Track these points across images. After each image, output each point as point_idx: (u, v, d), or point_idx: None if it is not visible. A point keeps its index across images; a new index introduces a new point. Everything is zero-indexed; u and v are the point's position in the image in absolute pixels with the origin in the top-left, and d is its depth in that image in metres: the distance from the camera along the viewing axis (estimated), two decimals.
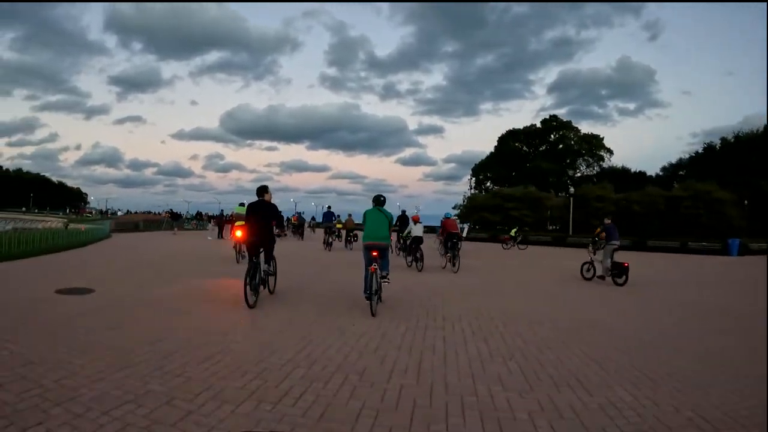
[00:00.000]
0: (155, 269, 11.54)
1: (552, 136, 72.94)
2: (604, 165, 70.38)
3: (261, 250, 7.40)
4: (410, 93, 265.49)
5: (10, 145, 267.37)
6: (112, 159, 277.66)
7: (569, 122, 73.91)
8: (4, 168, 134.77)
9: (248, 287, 6.82)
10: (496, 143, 73.76)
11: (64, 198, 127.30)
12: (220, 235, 26.34)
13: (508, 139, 73.19)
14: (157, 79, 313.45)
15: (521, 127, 73.79)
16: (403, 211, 19.76)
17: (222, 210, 26.82)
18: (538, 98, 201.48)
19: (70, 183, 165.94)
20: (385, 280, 7.31)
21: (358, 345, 5.24)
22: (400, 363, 4.62)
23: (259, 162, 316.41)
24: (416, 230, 14.10)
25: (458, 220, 20.45)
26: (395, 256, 16.43)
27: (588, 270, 12.19)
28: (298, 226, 29.98)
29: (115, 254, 15.73)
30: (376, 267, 6.92)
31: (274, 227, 7.81)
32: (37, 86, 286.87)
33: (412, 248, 13.94)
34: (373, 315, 6.68)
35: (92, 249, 16.89)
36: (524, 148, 73.31)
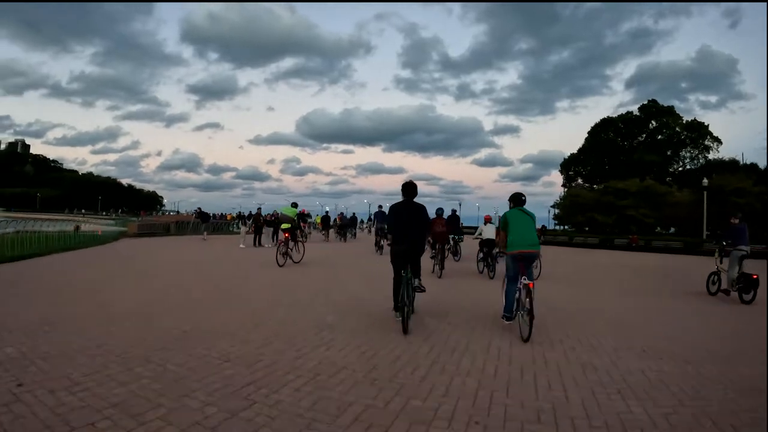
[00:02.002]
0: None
1: (652, 124, 61.35)
2: (710, 157, 58.37)
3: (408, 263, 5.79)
4: (485, 93, 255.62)
5: (94, 152, 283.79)
6: (191, 164, 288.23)
7: (671, 108, 62.01)
8: (81, 173, 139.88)
9: (398, 311, 5.68)
10: (587, 134, 63.32)
11: (137, 201, 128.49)
12: (258, 241, 18.93)
13: (602, 128, 62.43)
14: (233, 86, 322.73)
15: (616, 116, 62.71)
16: (453, 211, 16.57)
17: (259, 207, 19.27)
18: (616, 94, 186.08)
19: (151, 188, 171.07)
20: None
21: None
22: None
23: (335, 165, 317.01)
24: (488, 231, 11.91)
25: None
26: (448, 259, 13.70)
27: (714, 282, 9.69)
28: (342, 226, 27.14)
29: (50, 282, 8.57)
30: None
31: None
32: (118, 97, 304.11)
33: (483, 252, 11.89)
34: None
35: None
36: (619, 139, 61.96)
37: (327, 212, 30.55)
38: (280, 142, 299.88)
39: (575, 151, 63.14)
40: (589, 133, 63.88)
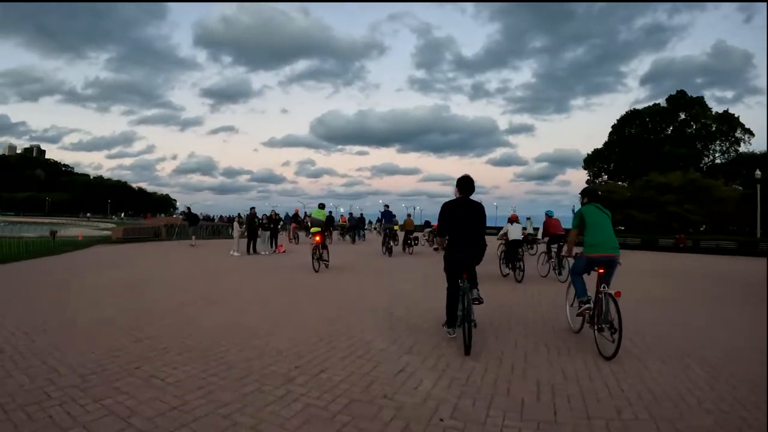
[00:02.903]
0: None
1: (681, 115, 57.22)
2: (741, 150, 54.50)
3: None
4: (499, 92, 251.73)
5: (110, 157, 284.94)
6: (206, 167, 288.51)
7: (700, 98, 57.84)
8: (96, 177, 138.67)
9: (451, 326, 4.94)
10: (611, 128, 59.47)
11: (147, 204, 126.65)
12: (252, 247, 15.56)
13: (628, 122, 58.48)
14: (247, 89, 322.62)
15: (642, 108, 58.81)
16: None
17: (252, 208, 15.99)
18: (631, 91, 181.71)
19: (167, 191, 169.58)
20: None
21: None
22: None
23: (350, 167, 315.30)
24: (514, 232, 10.43)
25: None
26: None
27: None
28: (348, 228, 24.99)
29: None
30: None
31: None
32: (133, 102, 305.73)
33: (509, 254, 10.50)
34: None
35: None
36: (645, 132, 57.86)
37: (330, 213, 27.87)
38: (294, 144, 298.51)
39: (600, 146, 59.06)
40: (613, 127, 59.96)
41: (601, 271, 4.82)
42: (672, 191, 31.84)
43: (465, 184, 4.96)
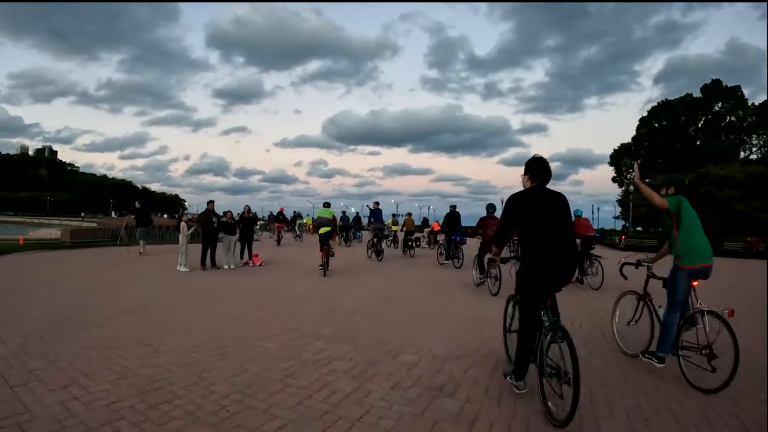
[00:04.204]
0: None
1: (716, 107, 51.91)
2: None
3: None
4: (512, 91, 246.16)
5: (123, 158, 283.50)
6: (219, 168, 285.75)
7: (737, 88, 52.28)
8: (99, 174, 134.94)
9: (520, 378, 3.28)
10: (638, 122, 54.44)
11: (151, 203, 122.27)
12: (210, 259, 10.69)
13: (657, 114, 53.27)
14: (259, 90, 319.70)
15: (674, 98, 53.53)
16: (453, 208, 12.82)
17: (210, 202, 10.98)
18: (645, 90, 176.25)
19: (179, 192, 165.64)
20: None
21: None
22: None
23: (362, 167, 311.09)
24: None
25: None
26: (439, 265, 12.51)
27: None
28: (341, 228, 21.12)
29: None
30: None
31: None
32: (146, 103, 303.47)
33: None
34: None
35: None
36: (676, 125, 52.49)
37: (344, 212, 24.64)
38: (306, 144, 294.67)
39: (627, 141, 53.85)
40: (641, 120, 54.91)
41: (696, 283, 3.77)
42: (734, 186, 26.60)
43: (540, 168, 3.27)
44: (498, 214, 8.41)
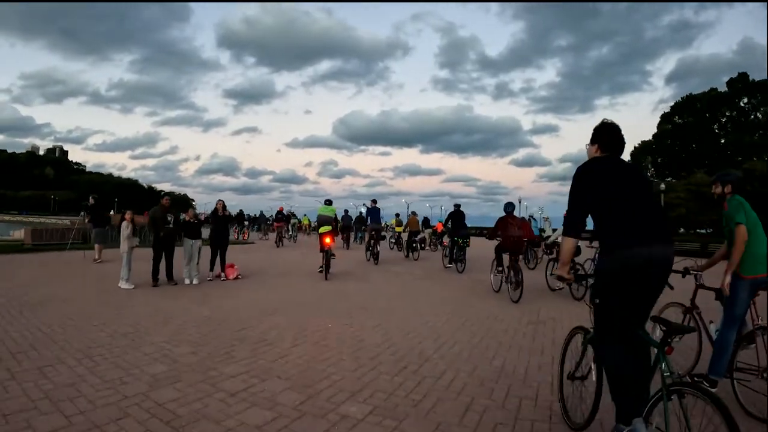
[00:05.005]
0: None
1: (743, 101, 48.76)
2: None
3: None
4: (523, 91, 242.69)
5: (134, 158, 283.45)
6: (229, 168, 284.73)
7: (765, 82, 48.96)
8: (122, 176, 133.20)
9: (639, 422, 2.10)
10: (659, 119, 51.47)
11: (156, 202, 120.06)
12: (167, 270, 7.89)
13: (681, 110, 50.17)
14: (270, 90, 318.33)
15: (699, 93, 50.46)
16: (457, 206, 12.03)
17: (165, 195, 8.42)
18: (657, 90, 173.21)
19: (189, 191, 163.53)
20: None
21: None
22: None
23: (372, 167, 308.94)
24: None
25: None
26: (444, 269, 11.68)
27: None
28: (342, 228, 19.31)
29: None
30: None
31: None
32: (156, 103, 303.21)
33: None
34: None
35: None
36: (700, 121, 49.30)
37: (361, 213, 22.94)
38: (317, 144, 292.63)
39: (648, 138, 50.75)
40: (662, 117, 51.90)
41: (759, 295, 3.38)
42: None
43: (611, 135, 2.58)
44: (518, 213, 7.43)
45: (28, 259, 11.83)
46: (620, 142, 2.56)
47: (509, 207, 8.12)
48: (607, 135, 2.56)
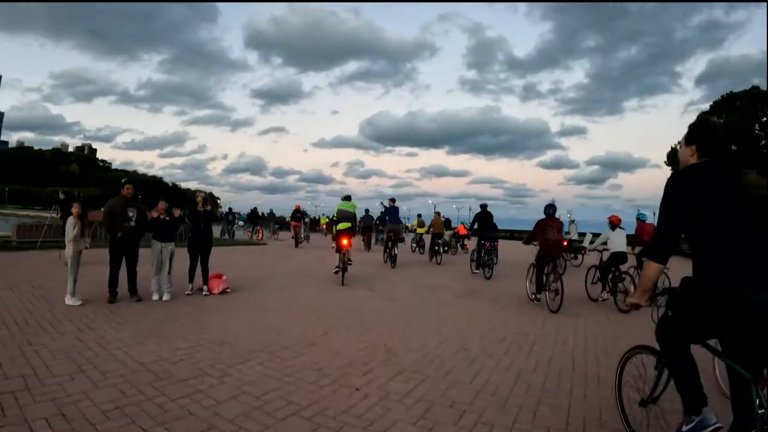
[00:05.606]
0: None
1: None
2: None
3: None
4: (551, 93, 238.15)
5: (162, 156, 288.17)
6: (256, 167, 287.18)
7: None
8: (149, 174, 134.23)
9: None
10: (696, 119, 48.00)
11: (180, 200, 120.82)
12: (129, 285, 6.17)
13: (723, 108, 47.28)
14: (297, 90, 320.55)
15: (739, 91, 47.38)
16: (483, 206, 11.26)
17: (127, 181, 6.56)
18: (686, 92, 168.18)
19: (216, 190, 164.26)
20: None
21: None
22: None
23: (398, 168, 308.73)
24: (617, 240, 7.73)
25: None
26: (471, 274, 10.81)
27: None
28: (362, 230, 17.61)
29: None
30: None
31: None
32: (185, 103, 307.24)
33: (610, 272, 7.61)
34: None
35: None
36: (741, 120, 46.05)
37: (384, 212, 20.03)
38: (343, 145, 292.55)
39: (676, 141, 47.66)
40: (699, 117, 48.54)
41: None
42: None
43: (712, 136, 2.14)
44: (558, 215, 7.46)
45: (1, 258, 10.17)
46: (722, 144, 2.20)
47: (550, 209, 7.35)
48: (708, 136, 2.13)
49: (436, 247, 13.86)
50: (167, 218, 6.49)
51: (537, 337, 5.15)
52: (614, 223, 8.03)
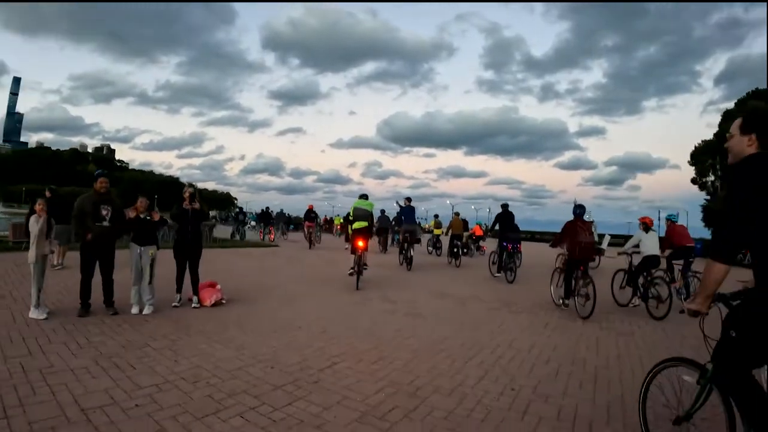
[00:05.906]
0: None
1: None
2: None
3: None
4: (569, 93, 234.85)
5: (180, 157, 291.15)
6: (274, 168, 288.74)
7: None
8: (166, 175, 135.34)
9: None
10: (720, 117, 46.60)
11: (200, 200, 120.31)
12: (105, 297, 5.15)
13: (746, 106, 44.91)
14: (315, 91, 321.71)
15: (764, 89, 45.35)
16: (505, 206, 10.83)
17: (101, 173, 5.62)
18: (706, 91, 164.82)
19: (234, 190, 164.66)
20: None
21: None
22: None
23: (416, 169, 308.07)
24: (649, 243, 7.37)
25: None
26: (493, 278, 10.54)
27: None
28: (377, 231, 16.00)
29: None
30: None
31: None
32: (203, 104, 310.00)
33: (641, 277, 7.30)
34: None
35: None
36: None
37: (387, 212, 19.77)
38: (361, 145, 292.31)
39: (710, 137, 45.77)
40: (724, 114, 46.85)
41: None
42: None
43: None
44: (558, 216, 6.93)
45: None
46: None
47: (579, 210, 7.01)
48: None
49: (455, 249, 13.37)
50: (147, 218, 5.54)
51: (597, 367, 4.08)
52: (647, 225, 7.66)
